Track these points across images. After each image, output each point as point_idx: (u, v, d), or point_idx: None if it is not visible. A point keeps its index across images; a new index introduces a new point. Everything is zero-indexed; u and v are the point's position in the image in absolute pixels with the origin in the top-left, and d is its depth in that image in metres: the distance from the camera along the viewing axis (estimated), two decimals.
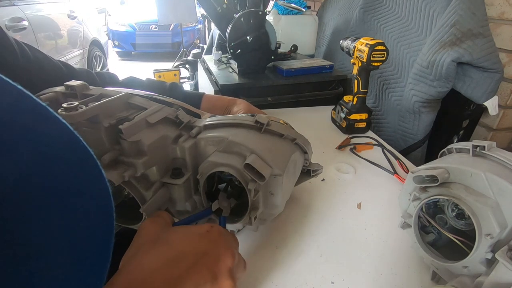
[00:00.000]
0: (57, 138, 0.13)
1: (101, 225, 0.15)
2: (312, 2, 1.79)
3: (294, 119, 0.59)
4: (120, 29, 5.04)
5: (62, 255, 0.13)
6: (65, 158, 0.13)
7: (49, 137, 0.13)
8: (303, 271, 0.41)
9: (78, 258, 0.14)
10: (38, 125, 0.12)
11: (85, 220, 0.14)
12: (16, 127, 0.12)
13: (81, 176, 0.14)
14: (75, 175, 0.14)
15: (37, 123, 0.12)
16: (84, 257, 0.14)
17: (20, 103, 0.12)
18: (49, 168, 0.13)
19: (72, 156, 0.14)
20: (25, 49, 0.49)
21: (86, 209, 0.14)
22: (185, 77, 2.86)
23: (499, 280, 0.29)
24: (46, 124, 0.13)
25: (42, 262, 0.13)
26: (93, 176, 0.15)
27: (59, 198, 0.13)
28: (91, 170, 0.14)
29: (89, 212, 0.14)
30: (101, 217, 0.15)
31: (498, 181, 0.31)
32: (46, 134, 0.13)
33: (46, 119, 0.13)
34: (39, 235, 0.12)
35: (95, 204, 0.15)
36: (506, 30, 0.76)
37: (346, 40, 0.78)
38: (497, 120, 0.81)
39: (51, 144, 0.13)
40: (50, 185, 0.13)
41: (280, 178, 0.37)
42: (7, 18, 2.04)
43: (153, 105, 0.38)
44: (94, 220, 0.15)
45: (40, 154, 0.12)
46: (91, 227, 0.15)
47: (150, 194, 0.37)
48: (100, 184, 0.15)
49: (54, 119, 0.13)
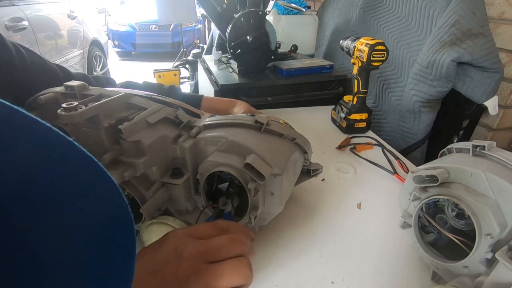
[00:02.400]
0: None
1: (118, 231, 0.14)
2: (312, 2, 1.79)
3: (294, 119, 0.59)
4: (120, 29, 5.04)
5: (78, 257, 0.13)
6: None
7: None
8: (303, 271, 0.41)
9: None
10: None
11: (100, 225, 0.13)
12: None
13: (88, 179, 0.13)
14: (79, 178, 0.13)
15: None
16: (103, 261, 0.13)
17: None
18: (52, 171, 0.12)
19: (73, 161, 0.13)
20: (22, 52, 0.49)
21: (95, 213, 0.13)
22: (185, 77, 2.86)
23: (499, 280, 0.29)
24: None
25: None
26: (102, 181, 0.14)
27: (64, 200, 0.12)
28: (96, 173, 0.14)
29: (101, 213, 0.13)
30: (120, 223, 0.14)
31: (498, 181, 0.31)
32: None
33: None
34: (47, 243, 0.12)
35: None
36: (506, 30, 0.76)
37: (346, 40, 0.78)
38: (497, 120, 0.81)
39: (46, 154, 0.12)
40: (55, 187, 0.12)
41: (280, 178, 0.37)
42: (7, 18, 2.04)
43: (152, 105, 0.38)
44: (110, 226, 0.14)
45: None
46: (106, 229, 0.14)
47: (150, 194, 0.37)
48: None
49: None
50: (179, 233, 0.30)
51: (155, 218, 0.40)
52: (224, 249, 0.29)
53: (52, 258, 0.12)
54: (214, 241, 0.30)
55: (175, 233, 0.30)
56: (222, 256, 0.29)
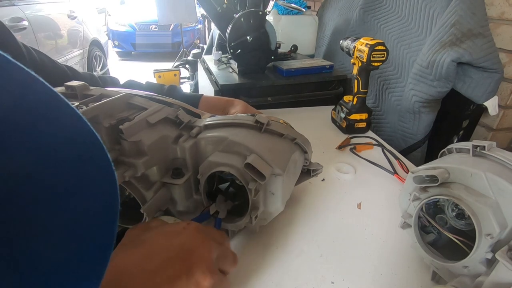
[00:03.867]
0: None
1: (104, 225, 0.14)
2: (312, 2, 1.79)
3: (294, 119, 0.59)
4: (120, 29, 5.04)
5: (60, 254, 0.13)
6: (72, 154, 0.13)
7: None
8: (303, 271, 0.41)
9: (77, 258, 0.13)
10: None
11: (87, 219, 0.14)
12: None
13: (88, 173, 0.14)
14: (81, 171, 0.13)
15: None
16: (83, 259, 0.14)
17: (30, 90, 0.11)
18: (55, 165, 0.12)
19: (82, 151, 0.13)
20: (32, 53, 0.50)
21: (87, 208, 0.14)
22: (185, 77, 2.86)
23: (499, 280, 0.29)
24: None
25: (39, 261, 0.12)
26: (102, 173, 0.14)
27: (60, 196, 0.13)
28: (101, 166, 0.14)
29: (92, 211, 0.14)
30: (106, 215, 0.14)
31: (498, 181, 0.31)
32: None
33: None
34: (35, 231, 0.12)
35: (100, 203, 0.14)
36: (506, 30, 0.76)
37: (346, 40, 0.78)
38: (497, 120, 0.81)
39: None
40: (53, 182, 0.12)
41: (280, 178, 0.38)
42: (7, 18, 2.04)
43: (153, 105, 0.39)
44: (97, 219, 0.14)
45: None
46: (92, 227, 0.14)
47: (151, 194, 0.37)
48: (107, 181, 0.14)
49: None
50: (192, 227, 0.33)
51: (156, 218, 0.40)
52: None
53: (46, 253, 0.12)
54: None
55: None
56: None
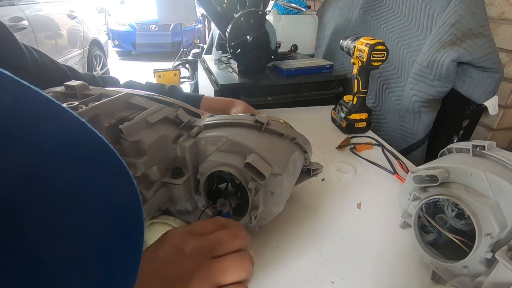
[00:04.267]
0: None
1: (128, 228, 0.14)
2: (312, 2, 1.79)
3: (294, 119, 0.59)
4: (120, 28, 5.03)
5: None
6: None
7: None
8: (303, 271, 0.41)
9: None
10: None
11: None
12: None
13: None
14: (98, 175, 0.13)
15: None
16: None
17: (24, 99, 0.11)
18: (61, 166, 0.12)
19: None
20: (33, 53, 0.50)
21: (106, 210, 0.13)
22: (185, 77, 2.86)
23: (499, 280, 0.29)
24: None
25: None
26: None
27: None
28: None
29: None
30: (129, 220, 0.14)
31: (498, 181, 0.31)
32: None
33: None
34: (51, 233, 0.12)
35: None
36: (506, 30, 0.76)
37: (346, 40, 0.78)
38: (497, 120, 0.81)
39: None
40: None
41: (280, 177, 0.38)
42: (7, 18, 2.04)
43: (153, 105, 0.39)
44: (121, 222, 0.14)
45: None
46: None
47: (151, 194, 0.37)
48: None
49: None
50: (178, 231, 0.30)
51: (156, 218, 0.40)
52: (225, 243, 0.29)
53: (54, 254, 0.12)
54: (214, 235, 0.29)
55: (174, 232, 0.30)
56: (223, 250, 0.29)
